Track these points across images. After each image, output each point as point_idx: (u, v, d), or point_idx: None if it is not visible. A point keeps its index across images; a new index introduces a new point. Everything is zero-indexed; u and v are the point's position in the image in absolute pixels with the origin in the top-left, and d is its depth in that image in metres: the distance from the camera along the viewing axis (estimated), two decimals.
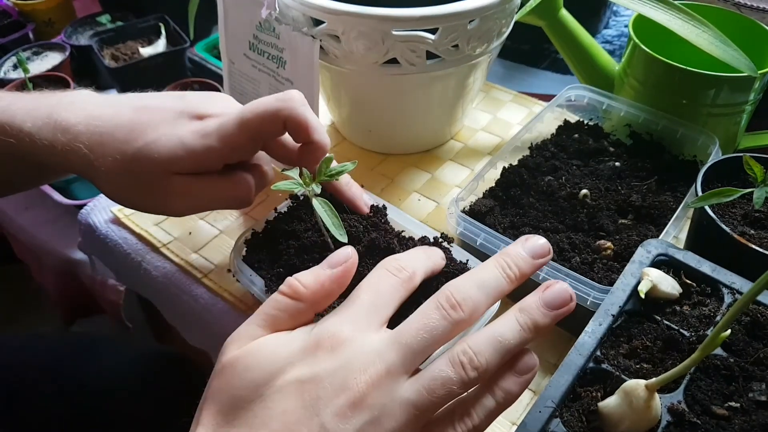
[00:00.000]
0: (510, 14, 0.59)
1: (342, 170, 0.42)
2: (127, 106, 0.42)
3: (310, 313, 0.34)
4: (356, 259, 0.35)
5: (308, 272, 0.34)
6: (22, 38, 1.10)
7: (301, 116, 0.41)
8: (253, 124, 0.41)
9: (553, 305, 0.32)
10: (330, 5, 0.53)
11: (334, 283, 0.34)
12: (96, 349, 0.68)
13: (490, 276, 0.33)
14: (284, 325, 0.33)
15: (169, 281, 0.58)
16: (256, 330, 0.33)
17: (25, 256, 1.03)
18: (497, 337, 0.31)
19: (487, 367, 0.30)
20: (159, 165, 0.40)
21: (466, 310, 0.32)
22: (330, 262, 0.35)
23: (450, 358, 0.30)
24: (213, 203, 0.45)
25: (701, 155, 0.59)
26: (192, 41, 0.98)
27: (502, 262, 0.34)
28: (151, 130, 0.41)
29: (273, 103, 0.41)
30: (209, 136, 0.41)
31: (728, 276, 0.40)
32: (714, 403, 0.34)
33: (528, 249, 0.35)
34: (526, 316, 0.32)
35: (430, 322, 0.31)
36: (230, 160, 0.43)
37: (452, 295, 0.32)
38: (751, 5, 0.67)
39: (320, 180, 0.42)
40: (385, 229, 0.48)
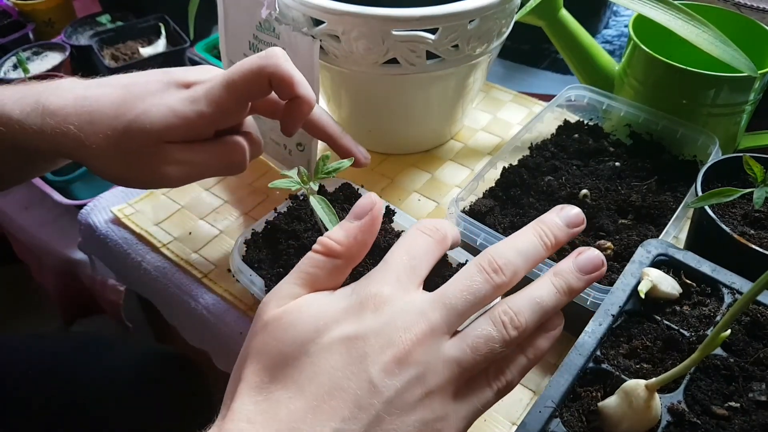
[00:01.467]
0: (510, 14, 0.59)
1: (339, 167, 0.42)
2: (114, 85, 0.43)
3: (347, 269, 0.34)
4: (381, 205, 0.35)
5: (337, 228, 0.34)
6: (22, 38, 1.10)
7: (285, 72, 0.41)
8: (240, 84, 0.41)
9: (586, 269, 0.34)
10: (330, 5, 0.53)
11: (365, 233, 0.34)
12: (96, 349, 0.68)
13: (529, 243, 0.34)
14: (323, 282, 0.33)
15: (169, 281, 0.58)
16: (296, 288, 0.33)
17: (25, 256, 1.03)
18: (536, 298, 0.32)
19: (526, 326, 0.32)
20: (151, 135, 0.41)
21: (507, 274, 0.32)
22: (356, 212, 0.34)
23: (492, 318, 0.31)
24: (208, 170, 0.45)
25: (701, 155, 0.59)
26: (192, 41, 0.98)
27: (539, 230, 0.35)
28: (140, 102, 0.41)
29: (257, 62, 0.41)
30: (198, 101, 0.41)
31: (728, 276, 0.40)
32: (714, 403, 0.34)
33: (563, 218, 0.36)
34: (562, 280, 0.33)
35: (474, 284, 0.32)
36: (221, 124, 0.43)
37: (494, 259, 0.33)
38: (751, 5, 0.67)
39: (318, 178, 0.42)
40: (385, 229, 0.48)
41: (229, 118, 0.43)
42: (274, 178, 0.43)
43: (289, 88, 0.42)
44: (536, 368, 0.49)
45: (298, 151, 0.61)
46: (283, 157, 0.63)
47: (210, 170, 0.45)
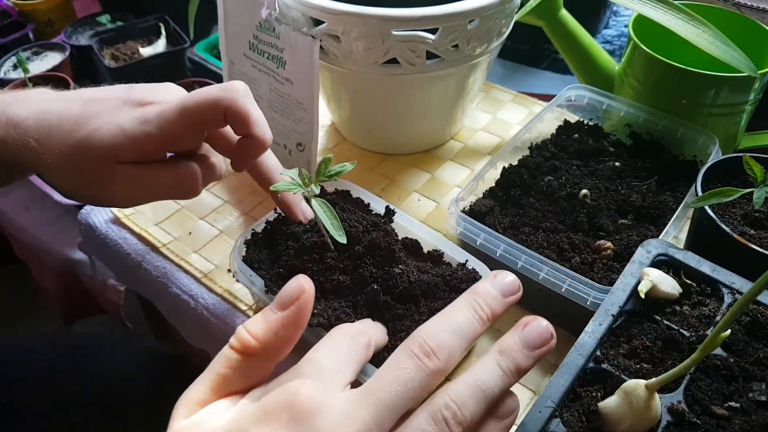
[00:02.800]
0: (510, 14, 0.59)
1: (341, 171, 0.42)
2: (76, 100, 0.42)
3: (266, 367, 0.30)
4: (311, 292, 0.31)
5: (259, 317, 0.30)
6: (22, 38, 1.10)
7: (241, 108, 0.40)
8: (193, 112, 0.39)
9: (534, 345, 0.31)
10: (330, 5, 0.53)
11: (287, 327, 0.30)
12: (96, 349, 0.68)
13: (463, 318, 0.31)
14: (237, 385, 0.30)
15: (169, 281, 0.58)
16: (206, 394, 0.29)
17: (25, 256, 1.03)
18: (480, 385, 0.29)
19: (471, 420, 0.28)
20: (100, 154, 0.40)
21: (442, 357, 0.29)
22: (280, 301, 0.30)
23: (431, 414, 0.28)
24: (158, 193, 0.44)
25: (701, 155, 0.59)
26: (192, 41, 0.98)
27: (474, 303, 0.32)
28: (95, 119, 0.40)
29: (215, 93, 0.39)
30: (149, 122, 0.40)
31: (728, 276, 0.40)
32: (714, 403, 0.34)
33: (498, 287, 0.33)
34: (509, 360, 0.30)
35: (404, 374, 0.28)
36: (172, 148, 0.42)
37: (425, 342, 0.29)
38: (751, 5, 0.67)
39: (319, 180, 0.42)
40: (386, 230, 0.48)
41: (181, 143, 0.42)
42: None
43: (243, 125, 0.40)
44: (536, 368, 0.49)
45: (298, 152, 0.61)
46: (283, 157, 0.63)
47: (160, 193, 0.44)
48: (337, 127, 0.74)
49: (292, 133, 0.60)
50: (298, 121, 0.59)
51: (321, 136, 0.73)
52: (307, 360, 0.30)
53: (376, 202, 0.52)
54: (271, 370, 0.31)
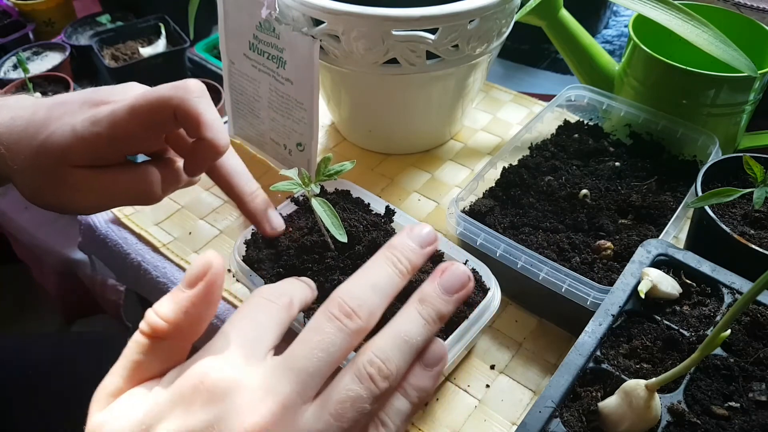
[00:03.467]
0: (510, 14, 0.59)
1: (341, 170, 0.42)
2: (44, 104, 0.41)
3: (180, 349, 0.29)
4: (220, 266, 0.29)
5: (166, 298, 0.29)
6: (22, 38, 1.10)
7: (191, 108, 0.37)
8: (143, 111, 0.37)
9: (452, 290, 0.31)
10: (330, 5, 0.53)
11: (198, 305, 0.28)
12: (96, 349, 0.68)
13: (382, 274, 0.30)
14: (152, 370, 0.28)
15: (169, 281, 0.58)
16: (120, 383, 0.28)
17: (25, 256, 1.03)
18: (402, 336, 0.29)
19: (397, 373, 0.28)
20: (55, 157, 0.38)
21: (363, 316, 0.28)
22: (187, 279, 0.28)
23: (356, 372, 0.27)
24: (116, 198, 0.42)
25: (701, 155, 0.59)
26: (192, 41, 0.98)
27: (392, 257, 0.31)
28: (54, 123, 0.39)
29: (166, 91, 0.37)
30: (99, 122, 0.38)
31: (728, 276, 0.40)
32: (714, 403, 0.34)
33: (415, 239, 0.32)
34: (429, 308, 0.30)
35: (325, 337, 0.27)
36: (126, 149, 0.40)
37: (345, 302, 0.28)
38: (751, 5, 0.67)
39: (319, 180, 0.42)
40: (386, 230, 0.48)
41: (133, 144, 0.40)
42: (274, 178, 0.43)
43: (194, 127, 0.37)
44: (536, 368, 0.49)
45: (298, 151, 0.61)
46: (283, 157, 0.63)
47: (118, 199, 0.42)
48: (337, 127, 0.74)
49: (292, 133, 0.60)
50: (298, 121, 0.59)
51: (321, 136, 0.73)
52: (221, 333, 0.29)
53: (376, 202, 0.52)
54: (186, 350, 0.30)
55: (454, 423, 0.46)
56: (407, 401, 0.29)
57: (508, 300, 0.54)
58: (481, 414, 0.46)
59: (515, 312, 0.53)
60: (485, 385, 0.48)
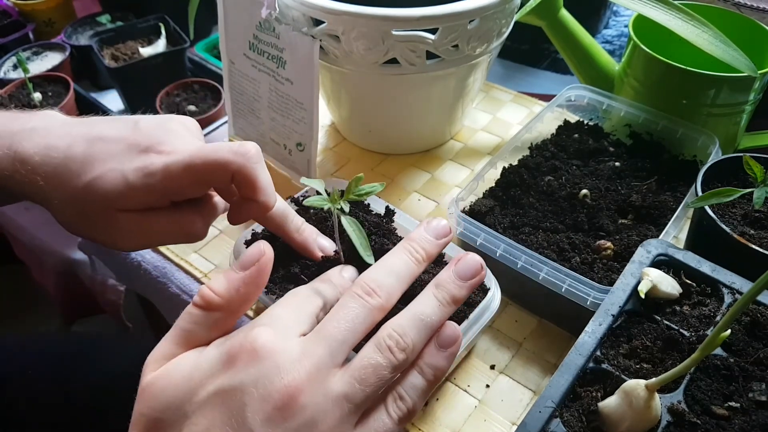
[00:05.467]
0: (510, 14, 0.59)
1: (371, 191, 0.41)
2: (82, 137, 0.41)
3: (228, 322, 0.33)
4: (270, 255, 0.33)
5: (221, 277, 0.33)
6: (22, 38, 1.10)
7: (250, 174, 0.39)
8: (201, 171, 0.39)
9: (465, 276, 0.35)
10: (330, 5, 0.53)
11: (248, 285, 0.32)
12: (96, 349, 0.68)
13: (400, 261, 0.35)
14: (201, 339, 0.32)
15: (169, 281, 0.58)
16: (172, 348, 0.32)
17: (25, 256, 1.03)
18: (419, 315, 0.33)
19: (414, 346, 0.32)
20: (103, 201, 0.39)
21: (382, 294, 0.33)
22: (242, 262, 0.33)
23: (376, 344, 0.31)
24: (162, 239, 0.43)
25: (701, 155, 0.59)
26: (192, 41, 0.98)
27: (408, 247, 0.36)
28: (99, 164, 0.39)
29: (225, 155, 0.39)
30: (153, 175, 0.39)
31: (728, 276, 0.40)
32: (714, 403, 0.35)
33: (431, 231, 0.37)
34: (444, 291, 0.34)
35: (350, 311, 0.32)
36: (176, 199, 0.41)
37: (366, 283, 0.33)
38: (751, 5, 0.67)
39: (348, 198, 0.41)
40: (389, 229, 0.48)
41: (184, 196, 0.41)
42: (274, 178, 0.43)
43: (250, 191, 0.40)
44: (536, 368, 0.49)
45: (298, 151, 0.61)
46: (283, 157, 0.63)
47: (163, 240, 0.43)
48: (337, 127, 0.74)
49: (292, 133, 0.60)
50: (298, 121, 0.59)
51: (321, 136, 0.73)
52: (266, 313, 0.33)
53: (376, 202, 0.52)
54: (232, 325, 0.33)
55: (454, 423, 0.46)
56: (423, 378, 0.32)
57: (508, 300, 0.54)
58: (481, 414, 0.46)
59: (515, 312, 0.53)
60: (485, 385, 0.48)
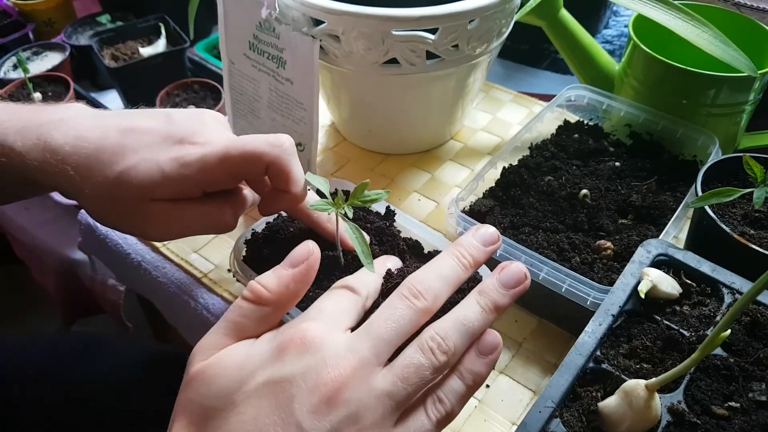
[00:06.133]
0: (510, 14, 0.59)
1: (377, 198, 0.41)
2: (114, 128, 0.41)
3: (276, 316, 0.34)
4: (318, 253, 0.35)
5: (270, 273, 0.34)
6: (22, 38, 1.10)
7: (284, 165, 0.40)
8: (237, 163, 0.40)
9: (509, 285, 0.34)
10: (330, 5, 0.53)
11: (298, 282, 0.34)
12: (96, 349, 0.68)
13: (447, 265, 0.35)
14: (250, 331, 0.33)
15: (169, 281, 0.58)
16: (222, 339, 0.32)
17: (25, 256, 1.03)
18: (462, 320, 0.33)
19: (455, 350, 0.32)
20: (137, 190, 0.39)
21: (429, 298, 0.33)
22: (292, 260, 0.34)
23: (419, 345, 0.31)
24: (192, 230, 0.44)
25: (701, 155, 0.59)
26: (192, 41, 0.98)
27: (456, 252, 0.36)
28: (133, 154, 0.40)
29: (261, 146, 0.40)
30: (189, 166, 0.39)
31: (728, 276, 0.40)
32: (714, 403, 0.34)
33: (479, 238, 0.37)
34: (487, 298, 0.34)
35: (397, 312, 0.32)
36: (210, 190, 0.42)
37: (414, 285, 0.33)
38: (751, 5, 0.67)
39: (353, 204, 0.41)
40: (391, 232, 0.48)
41: (219, 187, 0.42)
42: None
43: (284, 182, 0.41)
44: (536, 368, 0.49)
45: (298, 151, 0.61)
46: None
47: (194, 230, 0.44)
48: (337, 127, 0.74)
49: (292, 133, 0.60)
50: (298, 121, 0.59)
51: (321, 136, 0.73)
52: (313, 307, 0.34)
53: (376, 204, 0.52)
54: (278, 319, 0.34)
55: (454, 423, 0.45)
56: (462, 383, 0.33)
57: None
58: (481, 414, 0.46)
59: (515, 312, 0.53)
60: (485, 385, 0.48)
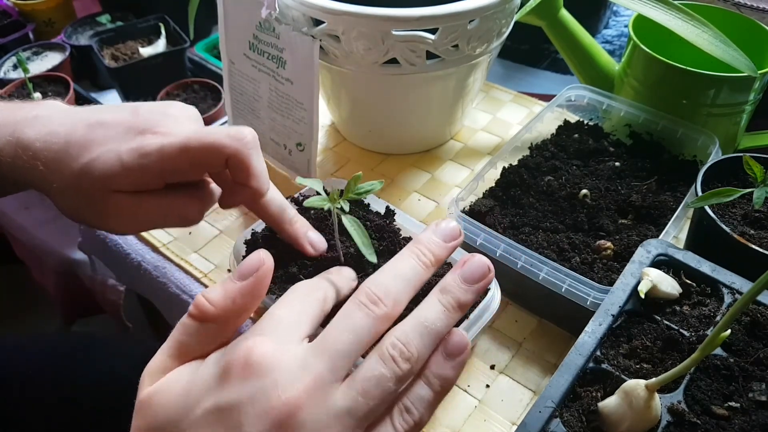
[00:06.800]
0: (510, 14, 0.59)
1: (370, 189, 0.41)
2: (82, 122, 0.41)
3: (224, 333, 0.31)
4: (270, 265, 0.32)
5: (218, 286, 0.31)
6: (22, 38, 1.10)
7: (244, 159, 0.39)
8: (196, 154, 0.39)
9: (472, 279, 0.32)
10: (330, 5, 0.53)
11: (245, 296, 0.31)
12: (96, 349, 0.68)
13: (406, 266, 0.33)
14: (197, 351, 0.31)
15: (169, 281, 0.58)
16: (167, 361, 0.31)
17: (25, 256, 1.03)
18: (423, 322, 0.30)
19: (419, 356, 0.30)
20: (99, 181, 0.39)
21: (388, 303, 0.31)
22: (240, 272, 0.31)
23: (379, 354, 0.29)
24: (155, 222, 0.43)
25: (701, 155, 0.59)
26: (192, 41, 0.98)
27: (416, 251, 0.33)
28: (97, 147, 0.40)
29: (221, 139, 0.39)
30: (148, 155, 0.39)
31: (728, 276, 0.40)
32: (714, 403, 0.34)
33: (440, 234, 0.35)
34: (449, 296, 0.32)
35: (354, 321, 0.30)
36: (171, 180, 0.41)
37: (371, 290, 0.31)
38: (751, 5, 0.67)
39: (348, 197, 0.41)
40: (391, 229, 0.48)
41: (180, 178, 0.41)
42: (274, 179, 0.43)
43: (243, 176, 0.40)
44: (536, 368, 0.49)
45: (298, 151, 0.61)
46: (283, 157, 0.63)
47: (158, 222, 0.43)
48: (337, 127, 0.74)
49: (292, 133, 0.60)
50: (298, 121, 0.59)
51: (321, 136, 0.73)
52: (266, 316, 0.31)
53: (376, 202, 0.52)
54: (229, 337, 0.32)
55: (454, 423, 0.46)
56: (430, 389, 0.30)
57: (508, 300, 0.54)
58: (481, 414, 0.46)
59: (515, 312, 0.53)
60: (485, 385, 0.48)
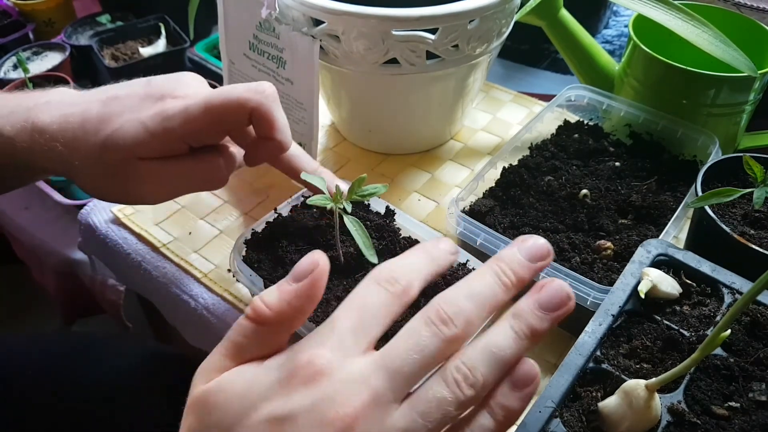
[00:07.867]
0: (510, 14, 0.59)
1: (374, 192, 0.41)
2: (96, 100, 0.42)
3: (281, 336, 0.31)
4: (326, 265, 0.30)
5: (273, 289, 0.30)
6: (22, 38, 1.10)
7: (268, 111, 0.40)
8: (219, 111, 0.40)
9: (549, 307, 0.29)
10: (330, 5, 0.53)
11: (302, 299, 0.30)
12: (96, 349, 0.68)
13: (484, 285, 0.30)
14: (253, 352, 0.30)
15: (169, 281, 0.58)
16: (224, 361, 0.30)
17: (25, 256, 1.03)
18: (491, 348, 0.28)
19: (484, 383, 0.28)
20: (124, 151, 0.40)
21: (459, 324, 0.28)
22: (295, 274, 0.30)
23: (443, 377, 0.28)
24: (184, 187, 0.44)
25: (701, 155, 0.59)
26: (192, 41, 0.98)
27: (496, 268, 0.30)
28: (117, 118, 0.40)
29: (242, 93, 0.39)
30: (172, 119, 0.39)
31: (728, 276, 0.40)
32: (714, 403, 0.34)
33: (525, 251, 0.31)
34: (522, 323, 0.29)
35: (421, 341, 0.28)
36: (195, 143, 0.42)
37: (442, 309, 0.29)
38: (751, 5, 0.67)
39: (351, 199, 0.41)
40: (392, 229, 0.48)
41: (203, 139, 0.42)
42: (274, 178, 0.43)
43: (267, 129, 0.41)
44: None
45: None
46: None
47: (186, 187, 0.44)
48: (337, 127, 0.74)
49: (292, 133, 0.60)
50: (298, 121, 0.59)
51: (321, 136, 0.73)
52: (330, 320, 0.29)
53: (376, 201, 0.52)
54: (285, 339, 0.31)
55: None
56: (492, 419, 0.28)
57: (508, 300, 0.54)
58: None
59: None
60: None
